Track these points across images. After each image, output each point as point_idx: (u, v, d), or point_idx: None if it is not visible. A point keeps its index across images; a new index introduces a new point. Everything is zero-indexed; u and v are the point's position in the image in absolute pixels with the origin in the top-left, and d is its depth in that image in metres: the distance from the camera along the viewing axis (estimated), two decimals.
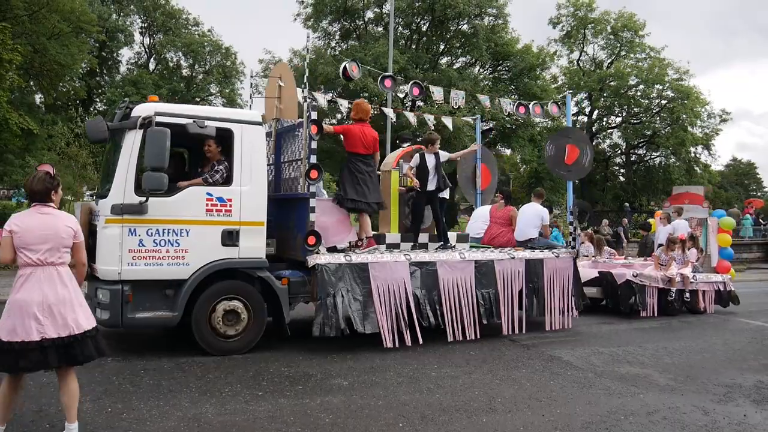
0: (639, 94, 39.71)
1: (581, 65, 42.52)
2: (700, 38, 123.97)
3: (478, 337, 8.35)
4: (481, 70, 35.28)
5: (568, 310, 9.39)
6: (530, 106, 11.45)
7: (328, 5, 32.24)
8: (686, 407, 5.64)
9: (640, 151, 43.63)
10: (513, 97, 34.49)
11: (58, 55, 23.76)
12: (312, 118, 7.79)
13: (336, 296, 7.47)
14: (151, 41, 41.54)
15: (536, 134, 33.53)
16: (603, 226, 23.34)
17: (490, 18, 33.08)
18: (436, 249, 9.03)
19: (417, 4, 31.74)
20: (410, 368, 6.78)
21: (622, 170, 45.99)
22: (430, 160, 9.08)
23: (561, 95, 40.63)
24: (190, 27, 41.37)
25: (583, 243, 13.25)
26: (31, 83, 27.02)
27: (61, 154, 22.16)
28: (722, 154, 51.18)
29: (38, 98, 30.68)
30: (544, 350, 7.99)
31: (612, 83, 39.27)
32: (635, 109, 40.61)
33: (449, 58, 35.27)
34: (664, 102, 39.19)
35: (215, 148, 7.33)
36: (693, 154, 40.54)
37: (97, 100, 39.88)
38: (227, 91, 41.63)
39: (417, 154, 9.25)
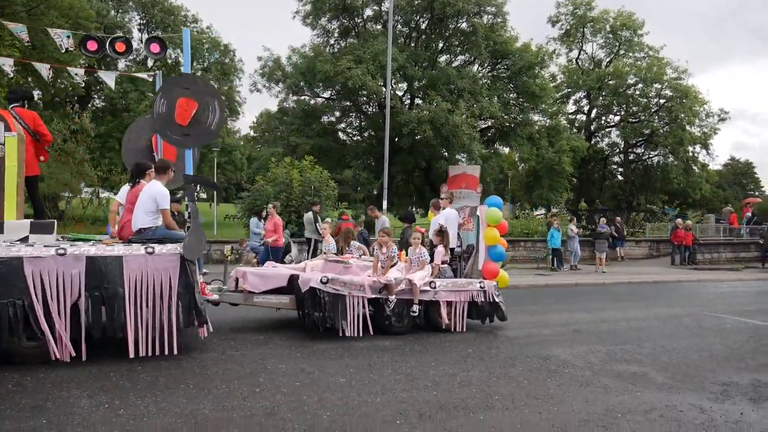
0: (637, 93, 39.79)
1: (580, 64, 42.59)
2: (695, 39, 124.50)
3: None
4: (479, 68, 35.28)
5: (170, 328, 6.67)
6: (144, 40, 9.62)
7: (327, 2, 32.20)
8: (683, 405, 5.65)
9: (639, 150, 43.72)
10: (512, 95, 34.58)
11: (56, 51, 23.74)
12: None
13: None
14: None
15: (535, 133, 33.55)
16: (600, 224, 23.36)
17: (489, 16, 33.10)
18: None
19: (416, 2, 31.73)
20: (408, 366, 6.77)
21: (620, 169, 46.06)
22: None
23: (560, 93, 40.84)
24: (188, 24, 41.32)
25: (324, 237, 11.13)
26: (29, 79, 27.00)
27: (59, 150, 22.15)
28: (719, 153, 51.64)
29: (36, 94, 30.66)
30: (542, 348, 7.99)
31: (611, 82, 39.33)
32: (633, 108, 40.68)
33: (448, 56, 35.29)
34: (662, 101, 39.26)
35: None
36: (691, 153, 40.62)
37: (95, 96, 39.83)
38: (225, 88, 41.64)
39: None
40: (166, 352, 6.53)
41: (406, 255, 9.43)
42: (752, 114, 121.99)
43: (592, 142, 42.30)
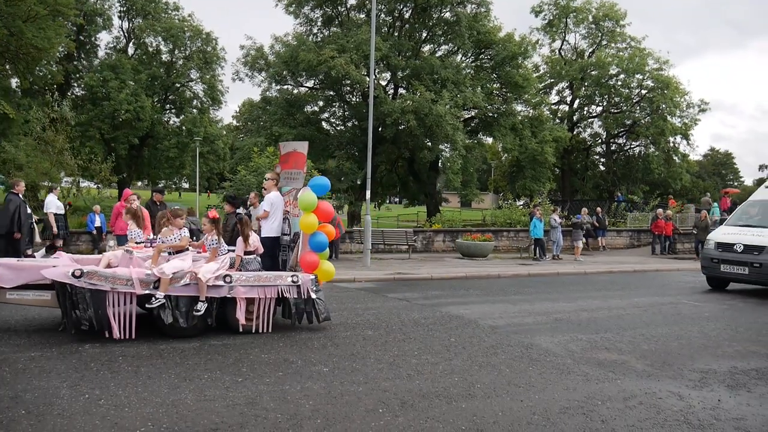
0: (619, 83, 40.04)
1: (563, 54, 42.75)
2: (673, 30, 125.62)
3: None
4: (463, 58, 35.25)
5: None
6: None
7: None
8: (662, 392, 5.72)
9: (620, 141, 44.05)
10: (495, 85, 34.62)
11: (34, 38, 23.36)
12: None
13: None
14: (130, 25, 40.94)
15: (518, 123, 33.64)
16: (583, 214, 23.56)
17: (473, 6, 33.06)
18: None
19: None
20: (391, 355, 6.79)
21: (602, 159, 46.38)
22: None
23: (543, 83, 40.94)
24: (169, 11, 40.84)
25: (128, 225, 9.30)
26: (7, 67, 26.55)
27: (38, 139, 21.81)
28: (699, 144, 52.55)
29: (14, 82, 30.16)
30: (523, 337, 8.05)
31: (593, 72, 39.51)
32: (616, 99, 40.95)
33: (432, 45, 35.20)
34: (644, 92, 39.52)
35: None
36: (672, 144, 40.97)
37: (75, 84, 39.28)
38: (208, 77, 41.23)
39: None
40: None
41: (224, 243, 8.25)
42: (729, 105, 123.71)
43: (575, 133, 42.54)
